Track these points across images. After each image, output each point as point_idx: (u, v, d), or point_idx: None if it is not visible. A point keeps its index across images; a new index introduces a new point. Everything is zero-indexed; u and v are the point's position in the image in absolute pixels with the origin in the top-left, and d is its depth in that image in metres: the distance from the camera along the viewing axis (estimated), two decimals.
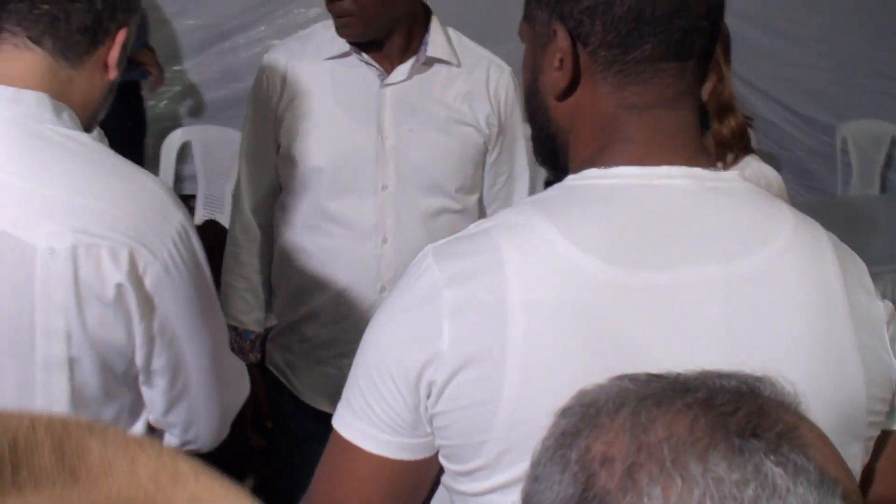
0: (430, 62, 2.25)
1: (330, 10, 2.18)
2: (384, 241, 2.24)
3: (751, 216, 1.15)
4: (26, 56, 1.47)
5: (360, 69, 2.25)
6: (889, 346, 1.17)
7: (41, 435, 0.44)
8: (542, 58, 1.22)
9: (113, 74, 1.54)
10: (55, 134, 1.41)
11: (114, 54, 1.52)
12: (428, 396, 1.13)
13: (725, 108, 2.39)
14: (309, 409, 2.36)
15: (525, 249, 1.11)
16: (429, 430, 1.16)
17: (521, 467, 0.98)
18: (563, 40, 1.17)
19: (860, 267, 1.21)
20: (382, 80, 2.23)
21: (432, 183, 2.24)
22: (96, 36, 1.49)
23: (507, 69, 2.32)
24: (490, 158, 2.33)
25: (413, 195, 2.24)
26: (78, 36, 1.48)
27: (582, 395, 0.79)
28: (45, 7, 1.45)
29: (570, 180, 1.19)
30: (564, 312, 1.08)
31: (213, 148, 3.29)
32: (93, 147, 1.44)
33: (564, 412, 0.78)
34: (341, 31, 2.19)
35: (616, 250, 1.10)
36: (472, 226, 1.20)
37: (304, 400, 2.39)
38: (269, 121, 2.32)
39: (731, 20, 2.26)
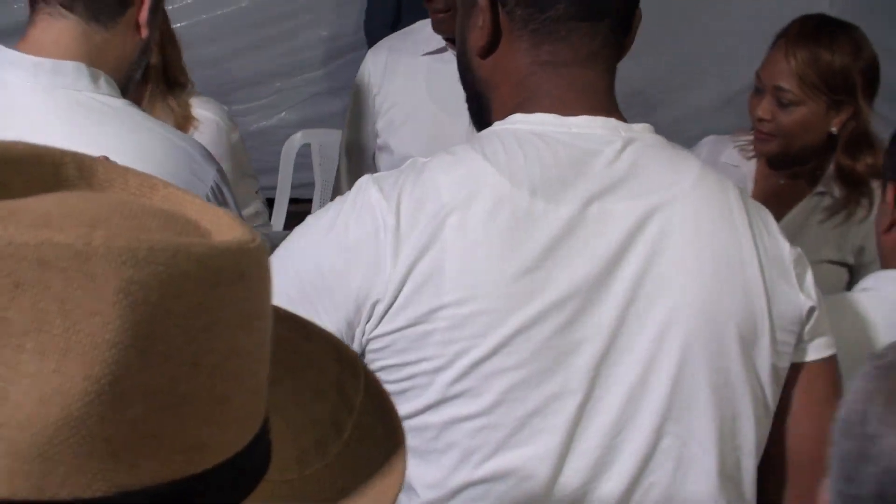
0: None
1: (426, 7, 2.29)
2: None
3: (659, 163, 1.25)
4: (61, 24, 1.59)
5: (455, 64, 2.33)
6: (797, 283, 1.27)
7: (68, 158, 0.63)
8: (468, 18, 1.32)
9: (144, 33, 1.65)
10: (92, 100, 1.54)
11: (144, 13, 1.63)
12: (368, 320, 1.20)
13: (860, 143, 2.33)
14: None
15: (460, 177, 1.21)
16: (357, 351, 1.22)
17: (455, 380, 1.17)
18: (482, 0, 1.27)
19: (765, 213, 1.31)
20: None
21: None
22: None
23: None
24: None
25: None
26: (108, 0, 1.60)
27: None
28: None
29: (497, 125, 1.28)
30: (493, 235, 1.18)
31: (331, 151, 3.43)
32: (126, 111, 1.58)
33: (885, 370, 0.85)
34: (437, 27, 2.33)
35: (539, 186, 1.19)
36: (407, 163, 1.29)
37: None
38: (368, 113, 2.45)
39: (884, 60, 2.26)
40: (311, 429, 0.71)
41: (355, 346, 1.22)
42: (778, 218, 1.39)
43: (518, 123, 1.26)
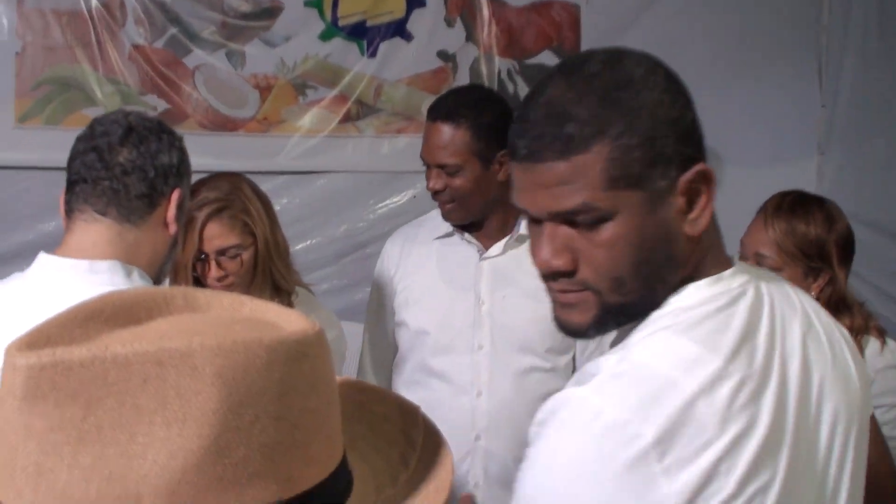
0: (523, 239, 2.73)
1: (435, 200, 2.71)
2: (479, 394, 2.67)
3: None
4: (96, 227, 1.82)
5: (463, 246, 2.76)
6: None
7: (178, 293, 0.90)
8: (667, 211, 1.29)
9: (172, 229, 1.90)
10: None
11: (171, 212, 1.88)
12: None
13: (838, 306, 2.57)
14: None
15: (694, 374, 1.21)
16: None
17: None
18: (706, 176, 1.29)
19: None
20: (481, 254, 2.73)
21: (524, 344, 2.68)
22: (153, 199, 1.86)
23: None
24: None
25: (506, 354, 2.69)
26: (137, 202, 1.84)
27: None
28: (106, 183, 1.82)
29: (675, 302, 1.31)
30: (745, 425, 1.22)
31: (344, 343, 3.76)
32: None
33: None
34: (446, 216, 2.73)
35: (749, 353, 1.26)
36: (613, 361, 1.25)
37: None
38: (387, 293, 2.85)
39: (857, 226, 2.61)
40: (387, 468, 0.95)
41: None
42: None
43: (693, 297, 1.31)
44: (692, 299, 1.29)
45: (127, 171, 1.83)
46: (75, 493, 0.72)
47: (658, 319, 1.29)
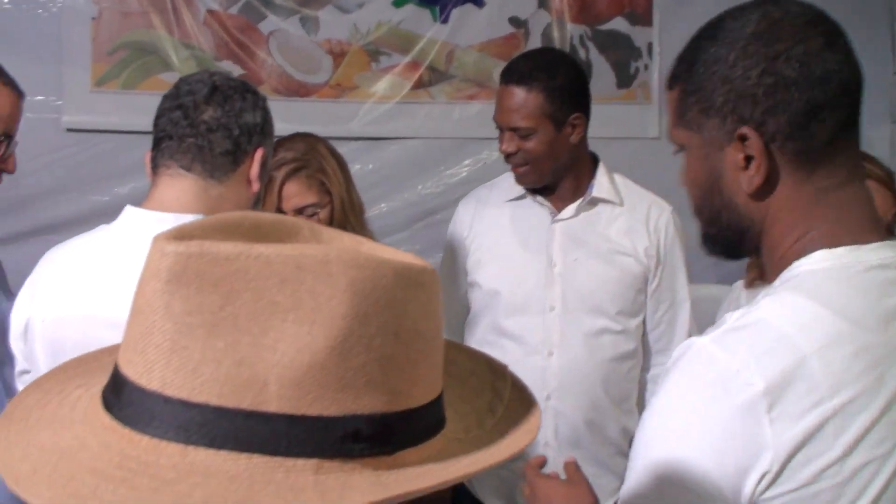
0: (595, 202, 2.77)
1: (507, 163, 2.75)
2: (550, 354, 2.71)
3: None
4: (181, 182, 1.87)
5: (535, 208, 2.80)
6: None
7: (304, 225, 0.95)
8: (722, 161, 1.37)
9: (256, 187, 1.95)
10: None
11: (254, 170, 1.94)
12: (757, 485, 1.21)
13: None
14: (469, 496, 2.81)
15: (811, 330, 1.24)
16: None
17: None
18: (756, 141, 1.32)
19: None
20: (553, 217, 2.76)
21: (595, 305, 2.72)
22: (237, 157, 1.91)
23: (668, 208, 2.82)
24: (651, 287, 2.79)
25: (577, 316, 2.73)
26: (221, 159, 1.89)
27: None
28: (191, 140, 1.87)
29: (805, 265, 1.32)
30: (862, 387, 1.22)
31: None
32: None
33: None
34: (519, 180, 2.78)
35: (880, 322, 1.26)
36: (735, 318, 1.30)
37: (481, 499, 2.83)
38: (460, 255, 2.89)
39: None
40: (473, 414, 1.00)
41: None
42: None
43: (825, 262, 1.31)
44: (819, 265, 1.31)
45: (211, 128, 1.88)
46: (206, 371, 0.78)
47: (785, 281, 1.33)
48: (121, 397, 0.83)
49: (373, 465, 0.83)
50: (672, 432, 1.27)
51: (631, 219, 2.79)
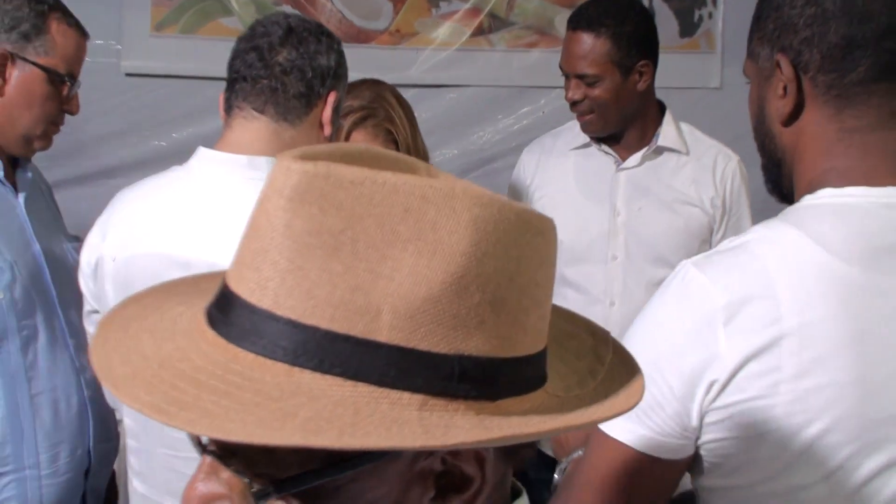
0: (661, 150, 2.76)
1: (573, 111, 2.74)
2: (612, 304, 2.72)
3: None
4: (254, 124, 1.89)
5: (600, 157, 2.80)
6: None
7: (422, 165, 0.93)
8: (767, 89, 1.42)
9: (328, 130, 1.96)
10: None
11: (327, 113, 1.95)
12: (707, 393, 1.30)
13: None
14: (544, 455, 2.82)
15: (785, 257, 1.29)
16: (695, 424, 1.33)
17: (790, 457, 1.27)
18: (786, 69, 1.37)
19: None
20: (618, 165, 2.76)
21: (658, 255, 2.72)
22: (310, 99, 1.93)
23: (734, 157, 2.81)
24: (716, 237, 2.78)
25: (640, 265, 2.73)
26: (294, 101, 1.91)
27: None
28: (265, 82, 1.90)
29: (808, 199, 1.36)
30: (829, 313, 1.25)
31: None
32: None
33: None
34: (584, 128, 2.77)
35: (865, 258, 1.28)
36: (724, 243, 1.39)
37: (539, 447, 2.85)
38: (523, 201, 2.89)
39: None
40: (574, 375, 0.98)
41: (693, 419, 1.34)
42: None
43: (828, 198, 1.34)
44: (820, 200, 1.34)
45: (286, 70, 1.89)
46: (320, 294, 0.78)
47: (785, 213, 1.38)
48: (228, 314, 0.82)
49: (476, 408, 0.82)
50: (643, 336, 1.38)
51: (697, 168, 2.78)
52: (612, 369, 0.99)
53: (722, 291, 1.29)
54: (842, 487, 1.29)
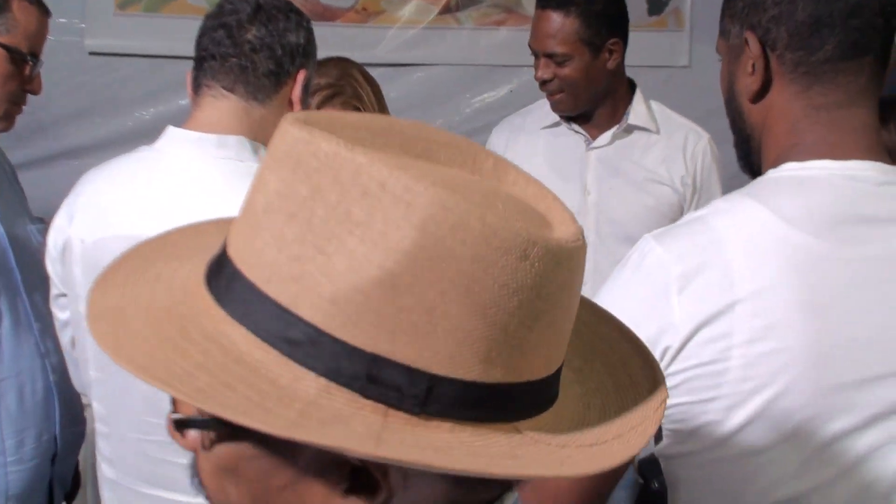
0: (631, 129, 2.76)
1: (543, 90, 2.73)
2: (583, 283, 2.70)
3: None
4: (223, 103, 1.86)
5: (570, 136, 2.79)
6: None
7: (491, 156, 0.89)
8: (737, 66, 1.44)
9: (297, 109, 1.93)
10: (254, 169, 1.88)
11: (297, 92, 1.93)
12: (661, 360, 1.31)
13: None
14: None
15: (741, 227, 1.32)
16: None
17: (743, 418, 1.29)
18: (754, 46, 1.38)
19: None
20: (588, 144, 2.76)
21: (628, 234, 2.72)
22: (279, 78, 1.90)
23: (705, 136, 2.81)
24: None
25: (610, 245, 2.74)
26: (264, 80, 1.88)
27: None
28: (234, 60, 1.86)
29: (771, 173, 1.38)
30: (783, 281, 1.27)
31: None
32: None
33: None
34: (554, 107, 2.77)
35: (823, 228, 1.29)
36: (685, 216, 1.42)
37: None
38: None
39: None
40: (598, 394, 0.94)
41: None
42: None
43: (792, 171, 1.36)
44: (782, 173, 1.37)
45: (255, 48, 1.87)
46: (267, 255, 0.79)
47: (747, 186, 1.41)
48: (217, 258, 0.85)
49: (402, 418, 0.78)
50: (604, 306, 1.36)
51: (667, 147, 2.79)
52: (640, 384, 0.96)
53: (676, 261, 1.32)
54: (797, 453, 1.30)
